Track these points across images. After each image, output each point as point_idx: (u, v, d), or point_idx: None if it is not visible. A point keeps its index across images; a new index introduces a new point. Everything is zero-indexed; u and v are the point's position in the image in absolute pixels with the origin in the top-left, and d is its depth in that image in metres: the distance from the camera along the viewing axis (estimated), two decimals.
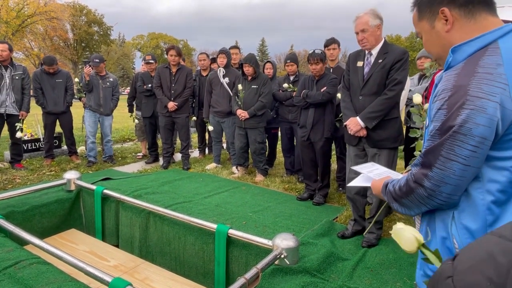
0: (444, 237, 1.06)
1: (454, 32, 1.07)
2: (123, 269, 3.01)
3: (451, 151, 0.96)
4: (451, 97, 0.96)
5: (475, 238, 0.97)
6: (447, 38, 1.08)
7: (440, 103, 0.99)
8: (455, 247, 1.02)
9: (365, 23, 2.77)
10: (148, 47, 56.08)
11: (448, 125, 0.96)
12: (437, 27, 1.09)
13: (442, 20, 1.08)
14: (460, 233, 1.01)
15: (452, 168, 0.96)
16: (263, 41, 66.66)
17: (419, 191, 1.03)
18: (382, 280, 2.38)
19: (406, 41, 50.33)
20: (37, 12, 33.52)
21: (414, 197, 1.06)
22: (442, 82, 1.03)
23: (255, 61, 4.68)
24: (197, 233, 2.99)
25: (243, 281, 2.01)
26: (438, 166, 0.98)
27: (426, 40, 1.16)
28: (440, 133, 0.98)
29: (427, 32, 1.14)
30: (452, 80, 0.98)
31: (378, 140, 2.88)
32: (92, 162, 5.68)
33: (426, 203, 1.04)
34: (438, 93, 1.01)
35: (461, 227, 1.02)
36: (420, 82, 4.21)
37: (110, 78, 5.83)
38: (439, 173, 0.98)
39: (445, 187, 0.98)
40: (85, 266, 2.16)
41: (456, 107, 0.94)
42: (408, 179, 1.07)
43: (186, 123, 5.51)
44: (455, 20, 1.06)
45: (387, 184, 1.20)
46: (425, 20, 1.12)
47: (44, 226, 3.53)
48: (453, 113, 0.95)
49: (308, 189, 4.08)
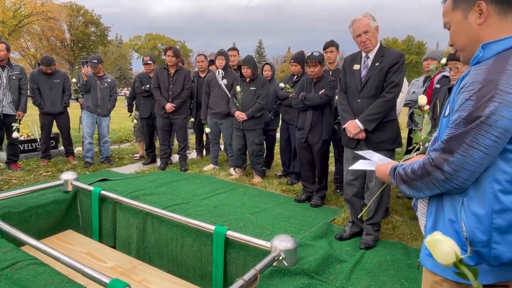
0: (452, 220, 1.13)
1: (485, 27, 1.12)
2: (120, 270, 3.00)
3: (474, 139, 1.02)
4: (480, 90, 1.02)
5: (482, 223, 1.06)
6: (477, 31, 1.13)
7: (468, 94, 1.05)
8: (463, 231, 1.09)
9: (367, 24, 2.79)
10: (146, 48, 55.98)
11: (475, 115, 1.02)
12: (470, 19, 1.14)
13: (476, 13, 1.12)
14: (468, 218, 1.08)
15: (473, 155, 1.03)
16: (260, 43, 66.79)
17: (436, 174, 1.09)
18: (379, 282, 2.38)
19: (402, 44, 50.63)
20: (34, 12, 33.36)
21: (429, 180, 1.12)
22: (471, 75, 1.08)
23: (253, 63, 4.69)
24: (195, 235, 2.98)
25: (242, 283, 2.01)
26: (460, 152, 1.04)
27: (454, 30, 1.20)
28: (466, 122, 1.04)
29: (458, 22, 1.18)
30: (482, 74, 1.04)
31: (376, 142, 2.90)
32: (89, 163, 5.65)
33: (441, 186, 1.11)
34: (467, 85, 1.07)
35: (469, 212, 1.08)
36: (425, 84, 4.22)
37: (108, 79, 5.81)
38: (460, 159, 1.04)
39: (463, 172, 1.05)
40: (83, 267, 2.15)
41: (485, 99, 1.00)
42: (425, 163, 1.13)
43: (184, 124, 5.50)
44: (488, 15, 1.11)
45: (395, 167, 1.27)
46: (460, 10, 1.17)
47: (41, 227, 3.51)
48: (482, 105, 1.01)
49: (306, 191, 4.09)
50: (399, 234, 3.24)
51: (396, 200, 4.14)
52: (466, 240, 1.09)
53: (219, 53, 5.23)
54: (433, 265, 1.21)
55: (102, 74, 5.74)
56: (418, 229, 3.30)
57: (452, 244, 0.86)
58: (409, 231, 3.27)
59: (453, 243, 0.87)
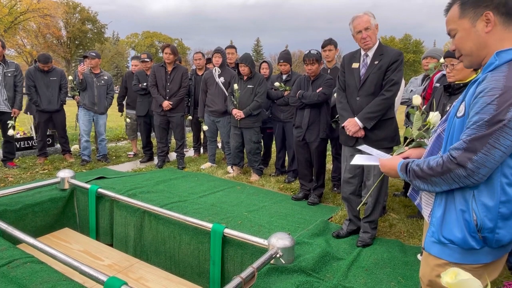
0: (463, 210, 1.25)
1: (491, 34, 1.24)
2: (118, 268, 3.00)
3: (497, 140, 1.13)
4: (501, 95, 1.13)
5: (490, 212, 1.20)
6: (485, 38, 1.25)
7: (490, 99, 1.15)
8: (473, 219, 1.22)
9: (367, 21, 2.80)
10: (143, 45, 55.77)
11: (498, 119, 1.13)
12: (478, 26, 1.25)
13: (483, 22, 1.24)
14: (479, 208, 1.22)
15: (494, 154, 1.15)
16: (258, 41, 66.64)
17: (458, 171, 1.20)
18: (376, 279, 2.40)
19: (400, 43, 50.71)
20: (30, 9, 33.14)
21: (449, 176, 1.22)
22: (489, 81, 1.18)
23: (250, 60, 4.68)
24: (192, 233, 2.98)
25: (239, 280, 2.02)
26: (483, 152, 1.15)
27: (461, 37, 1.30)
28: (488, 124, 1.14)
29: (465, 30, 1.28)
30: (502, 81, 1.15)
31: (375, 140, 2.91)
32: (86, 161, 5.63)
33: (461, 182, 1.21)
34: (486, 90, 1.17)
35: (480, 203, 1.22)
36: (424, 82, 4.22)
37: (104, 76, 5.77)
38: (483, 158, 1.15)
39: (483, 169, 1.17)
40: (80, 265, 2.14)
41: (507, 105, 1.12)
42: (446, 161, 1.23)
43: (181, 122, 5.49)
44: (494, 24, 1.23)
45: (407, 163, 1.37)
46: (467, 18, 1.27)
47: (38, 225, 3.50)
48: (504, 109, 1.12)
49: (303, 189, 4.10)
50: (396, 232, 3.26)
51: (393, 198, 4.15)
52: (476, 228, 1.22)
53: (216, 51, 5.22)
54: (439, 251, 1.33)
55: (98, 71, 5.72)
56: (414, 227, 3.32)
57: (477, 281, 0.89)
58: (406, 229, 3.29)
59: (476, 279, 0.90)
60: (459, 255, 1.29)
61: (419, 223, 3.39)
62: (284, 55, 4.92)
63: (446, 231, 1.29)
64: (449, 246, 1.29)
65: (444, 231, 1.29)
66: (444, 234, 1.29)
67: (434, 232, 1.33)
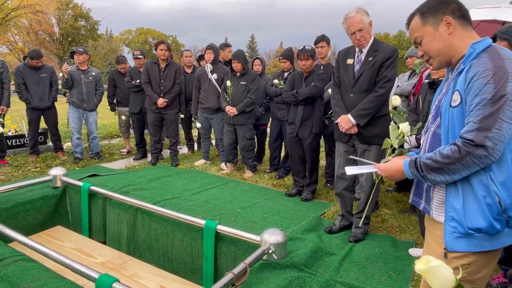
0: (484, 196, 1.26)
1: (454, 35, 1.37)
2: (111, 265, 2.99)
3: (505, 114, 1.19)
4: (495, 74, 1.20)
5: (509, 189, 1.24)
6: (449, 39, 1.37)
7: (485, 80, 1.21)
8: (497, 202, 1.24)
9: (360, 21, 2.76)
10: (136, 42, 55.30)
11: (500, 94, 1.18)
12: (441, 30, 1.38)
13: (445, 25, 1.37)
14: (500, 189, 1.25)
15: (506, 128, 1.19)
16: (252, 38, 66.41)
17: (478, 152, 1.21)
18: (368, 274, 2.42)
19: (394, 39, 50.82)
20: (22, 5, 32.65)
21: (469, 160, 1.23)
22: (478, 65, 1.25)
23: (243, 57, 4.67)
24: (186, 229, 2.98)
25: (231, 276, 2.02)
26: (497, 127, 1.19)
27: (427, 41, 1.41)
28: (492, 101, 1.19)
29: (430, 35, 1.40)
30: (489, 63, 1.23)
31: (369, 136, 2.92)
32: (79, 158, 5.60)
33: (481, 163, 1.22)
34: (479, 73, 1.23)
35: (498, 184, 1.25)
36: (410, 78, 4.26)
37: (92, 72, 5.67)
38: (498, 133, 1.19)
39: (500, 145, 1.20)
40: (71, 263, 2.13)
41: (504, 81, 1.19)
42: (462, 146, 1.23)
43: (175, 119, 5.47)
44: (454, 27, 1.36)
45: (415, 160, 1.37)
46: (430, 25, 1.39)
47: (29, 223, 3.47)
48: (502, 85, 1.19)
49: (296, 185, 4.11)
50: (387, 227, 3.28)
51: (385, 194, 4.18)
52: (501, 208, 1.24)
53: (208, 47, 5.19)
54: (466, 244, 1.31)
55: (86, 67, 5.60)
56: (406, 222, 3.35)
57: (448, 267, 0.83)
58: (398, 224, 3.31)
59: (448, 267, 0.85)
60: (487, 242, 1.28)
61: (411, 218, 3.42)
62: (285, 52, 4.87)
63: (470, 221, 1.27)
64: (475, 236, 1.28)
65: (468, 222, 1.28)
66: (469, 225, 1.27)
67: (457, 226, 1.30)
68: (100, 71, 6.49)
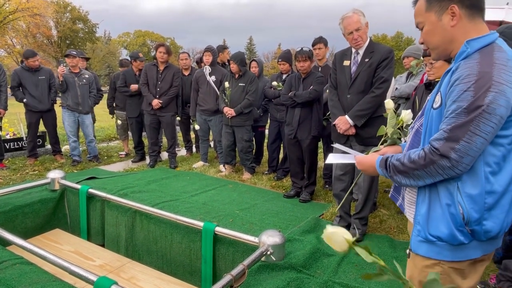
0: (448, 204, 1.20)
1: (457, 28, 1.22)
2: (109, 268, 2.99)
3: (477, 127, 1.10)
4: (478, 81, 1.10)
5: (476, 203, 1.16)
6: (451, 32, 1.23)
7: (466, 86, 1.12)
8: (460, 212, 1.18)
9: (358, 21, 2.79)
10: (135, 44, 55.36)
11: (476, 105, 1.09)
12: (444, 20, 1.23)
13: (449, 15, 1.21)
14: (465, 200, 1.17)
15: (476, 142, 1.11)
16: (250, 40, 66.62)
17: (442, 162, 1.14)
18: None
19: (392, 41, 51.03)
20: (19, 9, 32.68)
21: (433, 168, 1.17)
22: (463, 69, 1.15)
23: (240, 59, 4.67)
24: (184, 231, 2.98)
25: (229, 278, 2.02)
26: (465, 140, 1.11)
27: (428, 30, 1.28)
28: (467, 111, 1.11)
29: (432, 23, 1.26)
30: (475, 67, 1.12)
31: (366, 137, 2.93)
32: (77, 161, 5.59)
33: (445, 173, 1.16)
34: (462, 77, 1.14)
35: (465, 195, 1.18)
36: (408, 79, 4.28)
37: (85, 75, 5.64)
38: (465, 146, 1.11)
39: (467, 158, 1.12)
40: (70, 266, 2.13)
41: (484, 90, 1.08)
42: (428, 153, 1.18)
43: (172, 121, 5.47)
44: (459, 18, 1.21)
45: (386, 159, 1.32)
46: (433, 12, 1.24)
47: (28, 227, 3.47)
48: (481, 95, 1.09)
49: (295, 187, 4.12)
50: (386, 227, 3.29)
51: (383, 195, 4.19)
52: (463, 221, 1.18)
53: (206, 50, 5.21)
54: (427, 250, 1.27)
55: (78, 70, 5.57)
56: (404, 223, 3.35)
57: (343, 232, 0.88)
58: (396, 225, 3.32)
59: (344, 231, 0.88)
60: (448, 252, 1.23)
61: None
62: (284, 54, 4.88)
63: (432, 228, 1.23)
64: (437, 244, 1.23)
65: (430, 228, 1.23)
66: (431, 231, 1.23)
67: (420, 230, 1.27)
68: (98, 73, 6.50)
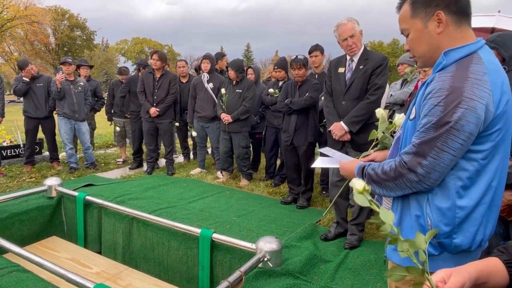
0: (418, 215, 1.20)
1: (444, 35, 1.17)
2: (106, 275, 2.98)
3: (445, 143, 1.08)
4: (448, 96, 1.08)
5: (445, 216, 1.14)
6: (437, 39, 1.18)
7: (436, 100, 1.10)
8: (428, 224, 1.17)
9: (352, 28, 2.85)
10: (132, 52, 55.54)
11: (444, 121, 1.07)
12: (430, 27, 1.18)
13: (435, 22, 1.17)
14: (433, 213, 1.16)
15: (444, 158, 1.09)
16: (248, 47, 66.94)
17: (410, 176, 1.14)
18: (363, 280, 2.43)
19: (388, 47, 51.40)
20: (17, 16, 32.77)
21: (402, 181, 1.17)
22: (437, 82, 1.13)
23: (237, 65, 4.71)
24: (181, 238, 2.98)
25: (227, 284, 2.03)
26: (432, 155, 1.10)
27: (413, 38, 1.24)
28: (435, 127, 1.09)
29: (417, 30, 1.21)
30: (448, 81, 1.10)
31: (361, 143, 2.96)
32: (74, 168, 5.58)
33: (413, 187, 1.16)
34: (433, 91, 1.12)
35: (434, 208, 1.16)
36: (402, 86, 4.32)
37: (80, 82, 5.65)
38: (432, 162, 1.10)
39: (434, 174, 1.11)
40: (67, 273, 2.13)
41: (453, 106, 1.06)
42: (398, 166, 1.18)
43: (169, 128, 5.48)
44: (446, 25, 1.17)
45: (363, 167, 1.31)
46: (419, 18, 1.20)
47: (24, 234, 3.46)
48: (450, 111, 1.07)
49: (292, 193, 4.13)
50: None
51: None
52: None
53: (205, 57, 5.25)
54: (399, 258, 1.25)
55: (73, 78, 5.58)
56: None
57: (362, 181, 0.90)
58: None
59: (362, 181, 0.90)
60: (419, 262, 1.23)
61: None
62: (279, 62, 4.93)
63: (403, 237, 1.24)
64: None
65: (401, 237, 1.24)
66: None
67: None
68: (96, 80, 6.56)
